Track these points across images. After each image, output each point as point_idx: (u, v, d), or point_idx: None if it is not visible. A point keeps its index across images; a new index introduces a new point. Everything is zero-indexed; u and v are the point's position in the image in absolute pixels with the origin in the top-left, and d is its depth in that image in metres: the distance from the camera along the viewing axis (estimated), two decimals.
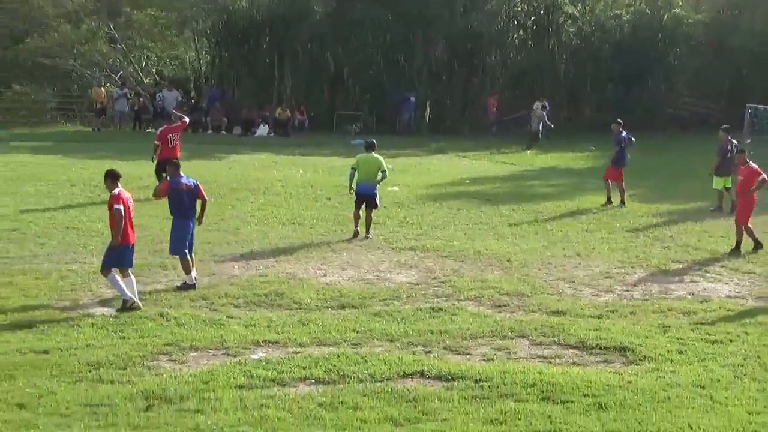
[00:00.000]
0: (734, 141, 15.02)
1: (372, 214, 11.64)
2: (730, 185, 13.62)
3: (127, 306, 7.34)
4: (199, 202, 8.71)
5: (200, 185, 8.82)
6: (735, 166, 12.56)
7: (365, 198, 11.44)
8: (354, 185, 11.54)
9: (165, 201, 8.90)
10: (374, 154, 11.89)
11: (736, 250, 10.84)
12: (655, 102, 30.27)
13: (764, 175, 11.12)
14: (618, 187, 15.05)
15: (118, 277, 7.44)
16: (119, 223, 7.35)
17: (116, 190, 7.53)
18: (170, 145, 14.25)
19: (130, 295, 7.39)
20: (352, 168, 11.82)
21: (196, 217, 8.75)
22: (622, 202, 14.88)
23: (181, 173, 8.70)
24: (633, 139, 15.97)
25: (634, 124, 20.36)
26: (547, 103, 26.03)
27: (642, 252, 11.22)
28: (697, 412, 5.04)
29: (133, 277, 7.75)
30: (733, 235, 11.22)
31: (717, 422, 4.85)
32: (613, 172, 15.17)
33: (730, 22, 31.82)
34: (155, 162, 14.13)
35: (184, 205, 8.56)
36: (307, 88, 28.78)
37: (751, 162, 11.62)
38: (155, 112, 26.63)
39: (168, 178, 9.02)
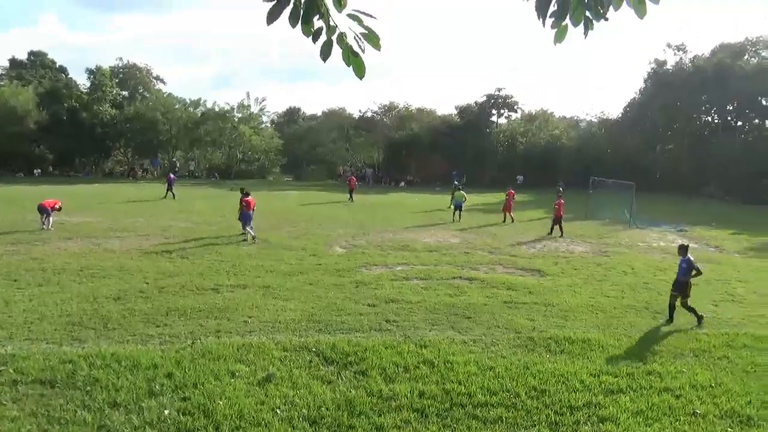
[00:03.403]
0: None
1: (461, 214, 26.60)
2: None
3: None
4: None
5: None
6: None
7: (458, 207, 26.34)
8: (452, 202, 27.61)
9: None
10: (461, 191, 27.25)
11: None
12: None
13: None
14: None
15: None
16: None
17: (248, 198, 18.37)
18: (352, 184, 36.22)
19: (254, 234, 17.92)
20: (451, 196, 28.05)
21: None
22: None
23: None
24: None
25: None
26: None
27: (541, 233, 21.37)
28: (567, 295, 12.92)
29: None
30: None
31: (576, 300, 12.78)
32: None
33: None
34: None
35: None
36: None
37: None
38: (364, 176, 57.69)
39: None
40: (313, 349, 8.63)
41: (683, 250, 11.39)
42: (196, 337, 9.14)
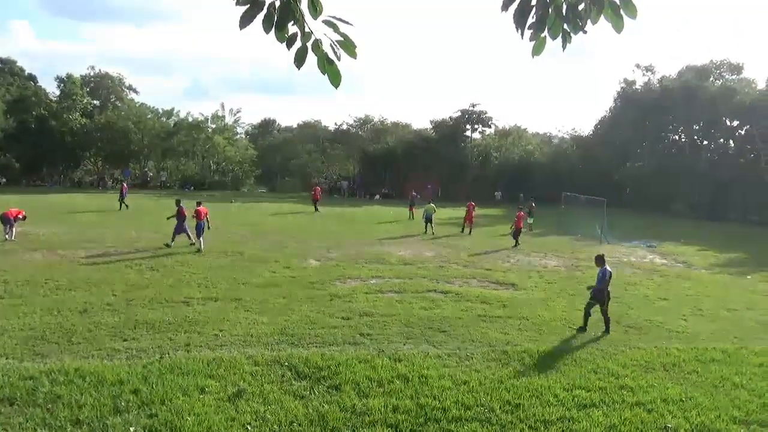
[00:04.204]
0: None
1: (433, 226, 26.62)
2: None
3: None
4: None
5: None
6: None
7: (428, 219, 26.33)
8: (423, 215, 27.04)
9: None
10: (431, 204, 27.40)
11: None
12: None
13: None
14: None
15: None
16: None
17: (199, 207, 18.12)
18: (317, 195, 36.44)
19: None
20: (424, 209, 27.12)
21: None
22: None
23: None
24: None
25: None
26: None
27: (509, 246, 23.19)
28: (541, 309, 12.98)
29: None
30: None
31: (549, 314, 12.83)
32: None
33: None
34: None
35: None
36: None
37: None
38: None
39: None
40: (286, 364, 8.46)
41: (599, 260, 11.69)
42: (164, 351, 8.88)
